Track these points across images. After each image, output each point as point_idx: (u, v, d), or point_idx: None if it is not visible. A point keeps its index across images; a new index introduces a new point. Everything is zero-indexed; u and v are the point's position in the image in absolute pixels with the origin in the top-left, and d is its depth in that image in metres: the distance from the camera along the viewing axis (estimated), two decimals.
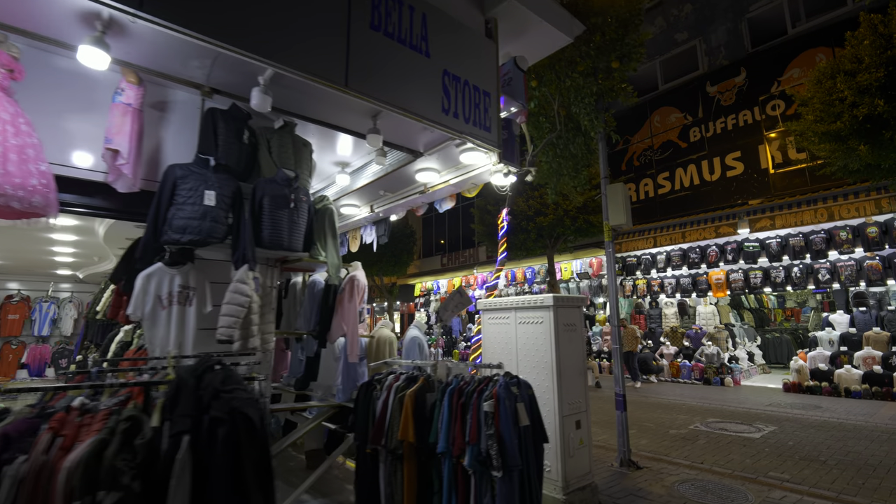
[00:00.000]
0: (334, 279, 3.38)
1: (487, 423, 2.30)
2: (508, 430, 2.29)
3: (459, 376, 2.64)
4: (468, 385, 2.52)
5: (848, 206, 9.98)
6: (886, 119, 6.81)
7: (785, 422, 7.52)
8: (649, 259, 13.66)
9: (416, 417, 2.51)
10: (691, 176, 12.98)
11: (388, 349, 3.71)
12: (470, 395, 2.44)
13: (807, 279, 10.88)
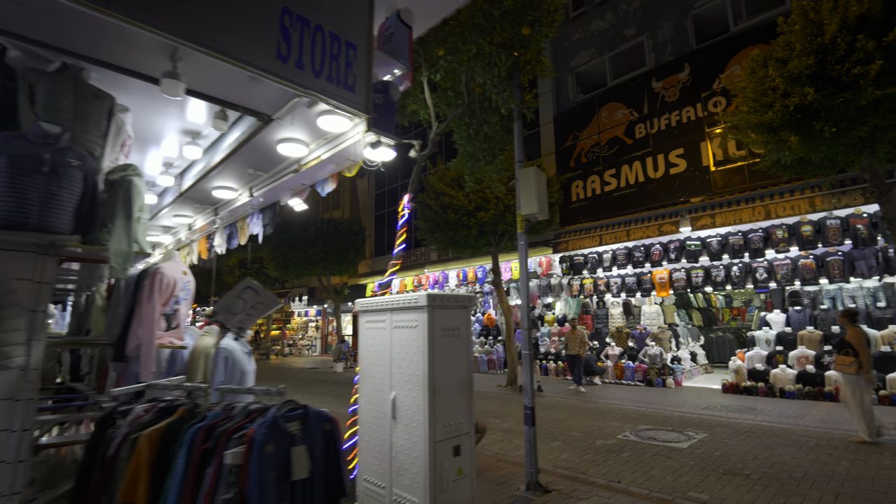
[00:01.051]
0: (119, 271, 2.58)
1: (229, 481, 1.57)
2: (262, 490, 1.57)
3: (230, 405, 1.89)
4: (225, 421, 1.78)
5: (784, 204, 9.85)
6: (816, 109, 6.54)
7: (717, 427, 7.17)
8: (596, 258, 13.32)
9: (152, 471, 1.74)
10: (636, 173, 12.71)
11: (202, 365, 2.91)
12: (219, 438, 1.70)
13: (746, 278, 10.73)
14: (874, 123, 6.25)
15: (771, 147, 7.25)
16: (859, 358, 6.12)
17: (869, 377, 6.11)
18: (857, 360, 6.14)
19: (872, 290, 9.85)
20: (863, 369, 6.09)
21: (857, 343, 6.18)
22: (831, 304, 10.26)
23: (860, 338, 6.21)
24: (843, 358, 6.38)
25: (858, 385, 6.13)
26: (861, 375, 6.11)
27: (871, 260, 9.19)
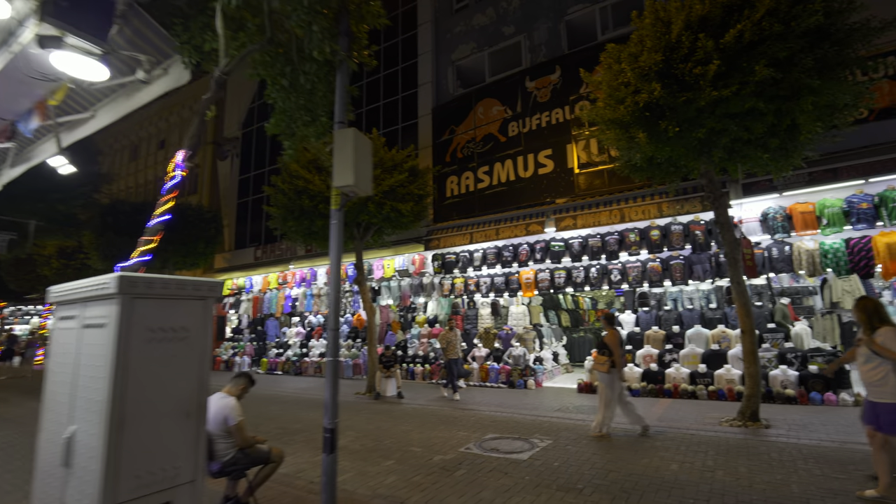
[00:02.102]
0: None
1: None
2: None
3: None
4: None
5: (637, 208, 10.21)
6: (662, 108, 6.53)
7: (563, 432, 6.85)
8: (467, 256, 12.88)
9: None
10: (508, 171, 12.55)
11: None
12: None
13: (602, 279, 10.99)
14: (711, 126, 6.37)
15: (623, 145, 7.20)
16: (613, 357, 6.57)
17: (621, 375, 6.61)
18: (610, 359, 6.59)
19: (706, 292, 10.65)
20: (615, 368, 6.57)
21: (613, 344, 6.62)
22: (674, 304, 10.91)
23: (615, 339, 6.65)
24: (600, 357, 6.80)
25: (611, 383, 6.56)
26: (613, 374, 6.56)
27: (706, 264, 9.85)
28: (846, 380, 7.90)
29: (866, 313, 4.12)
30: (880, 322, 4.05)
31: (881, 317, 4.08)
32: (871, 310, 4.13)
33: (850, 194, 8.57)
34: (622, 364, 6.70)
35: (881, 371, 3.98)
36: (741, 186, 9.23)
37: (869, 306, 4.15)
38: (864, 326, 4.15)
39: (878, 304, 4.17)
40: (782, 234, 9.10)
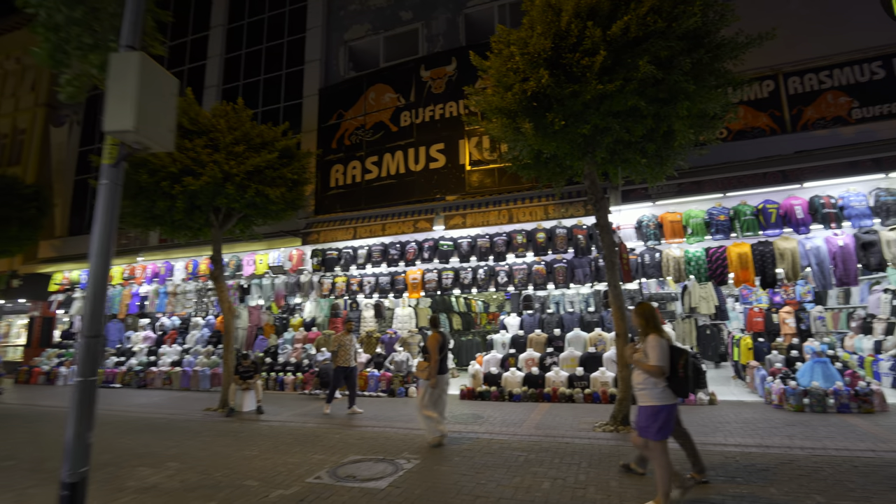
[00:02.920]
0: None
1: None
2: None
3: None
4: None
5: (525, 209, 10.01)
6: (550, 99, 6.20)
7: (435, 448, 6.12)
8: (351, 253, 11.78)
9: None
10: (398, 163, 11.74)
11: None
12: None
13: (489, 281, 10.65)
14: (595, 123, 6.17)
15: (509, 135, 6.77)
16: (430, 363, 6.35)
17: (432, 382, 6.32)
18: (430, 364, 6.37)
19: (586, 295, 10.83)
20: (431, 374, 6.33)
21: (432, 348, 6.38)
22: (556, 308, 10.94)
23: (435, 343, 6.41)
24: (422, 363, 6.59)
25: (427, 388, 6.35)
26: (438, 379, 6.35)
27: (587, 268, 9.95)
28: (703, 380, 8.32)
29: (644, 318, 4.10)
30: (654, 329, 4.03)
31: (655, 324, 4.06)
32: (647, 315, 4.10)
33: (710, 206, 9.17)
34: (435, 370, 6.36)
35: (644, 376, 4.02)
36: (620, 193, 9.45)
37: (646, 312, 4.12)
38: (641, 331, 4.12)
39: (653, 311, 4.13)
40: (654, 242, 9.48)
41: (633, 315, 4.21)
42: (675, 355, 3.94)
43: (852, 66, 9.06)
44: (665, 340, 3.97)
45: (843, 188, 8.39)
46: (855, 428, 6.24)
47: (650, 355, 3.92)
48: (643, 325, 4.10)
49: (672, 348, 3.98)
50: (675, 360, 3.92)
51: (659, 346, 3.91)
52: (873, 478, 4.53)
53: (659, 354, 3.89)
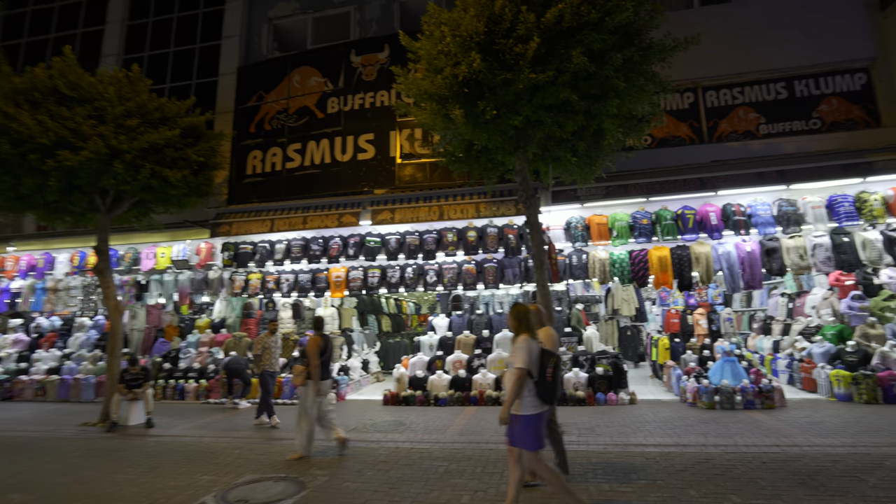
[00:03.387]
0: None
1: None
2: None
3: None
4: None
5: (456, 206, 9.68)
6: (482, 86, 5.89)
7: (349, 461, 5.55)
8: (267, 248, 10.79)
9: None
10: (324, 152, 10.96)
11: None
12: None
13: (418, 281, 10.19)
14: (527, 115, 5.94)
15: (439, 123, 6.36)
16: (310, 368, 5.89)
17: (316, 388, 5.84)
18: (307, 369, 5.93)
19: (516, 296, 10.70)
20: (311, 379, 5.88)
21: (311, 352, 5.91)
22: (486, 308, 10.71)
23: (315, 346, 5.93)
24: (298, 367, 6.12)
25: (306, 396, 5.87)
26: (308, 385, 5.88)
27: (517, 268, 9.81)
28: (624, 380, 8.43)
29: (517, 320, 3.87)
30: (525, 330, 3.80)
31: (527, 325, 3.84)
32: (521, 316, 3.89)
33: (634, 210, 9.39)
34: (317, 376, 5.86)
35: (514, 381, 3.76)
36: (550, 194, 9.42)
37: (520, 313, 3.91)
38: (514, 333, 3.90)
39: (527, 312, 3.93)
40: (581, 243, 9.54)
41: (509, 317, 3.97)
42: (544, 359, 3.68)
43: (760, 84, 9.73)
44: (535, 343, 3.73)
45: (752, 197, 8.93)
46: (760, 423, 6.51)
47: (515, 357, 3.63)
48: (516, 326, 3.84)
49: (542, 352, 3.72)
50: (543, 364, 3.66)
51: (526, 347, 3.62)
52: (781, 474, 4.63)
53: (524, 356, 3.58)
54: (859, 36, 9.33)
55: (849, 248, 8.31)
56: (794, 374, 8.64)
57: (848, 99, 9.38)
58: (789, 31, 9.55)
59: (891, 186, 8.33)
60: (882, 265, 8.24)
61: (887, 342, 7.74)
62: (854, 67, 9.43)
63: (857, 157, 8.37)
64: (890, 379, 7.21)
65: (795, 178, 8.52)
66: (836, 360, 7.91)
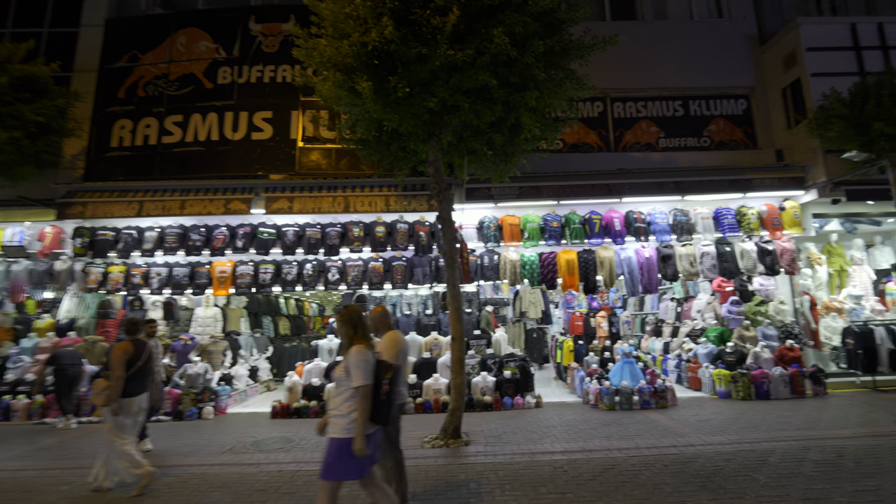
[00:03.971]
0: None
1: None
2: None
3: None
4: None
5: (363, 198, 8.92)
6: (394, 60, 5.28)
7: (214, 492, 4.53)
8: (134, 236, 9.08)
9: None
10: (210, 128, 9.53)
11: None
12: None
13: (318, 279, 9.22)
14: (443, 97, 5.44)
15: (345, 97, 5.61)
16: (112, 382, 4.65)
17: (113, 408, 4.58)
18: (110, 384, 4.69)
19: (425, 297, 10.17)
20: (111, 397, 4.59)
21: (116, 362, 4.65)
22: (393, 310, 10.03)
23: (122, 355, 4.68)
24: (100, 382, 4.98)
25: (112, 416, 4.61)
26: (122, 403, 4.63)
27: (427, 267, 9.29)
28: (531, 383, 8.29)
29: (351, 326, 3.19)
30: (361, 339, 3.17)
31: (364, 332, 3.22)
32: (355, 321, 3.22)
33: (545, 213, 9.38)
34: (117, 392, 4.59)
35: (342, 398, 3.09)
36: (465, 191, 9.06)
37: (354, 317, 3.22)
38: (347, 343, 3.20)
39: (361, 316, 3.26)
40: (493, 244, 9.30)
41: (337, 322, 3.25)
42: (379, 372, 3.11)
43: (661, 101, 10.32)
44: (371, 354, 3.15)
45: (651, 206, 9.36)
46: (657, 424, 6.64)
47: (353, 374, 3.00)
48: (349, 333, 3.17)
49: (377, 363, 3.15)
50: (378, 378, 3.09)
51: (364, 360, 3.04)
52: (683, 477, 4.59)
53: (363, 372, 3.00)
54: (742, 66, 10.31)
55: (730, 257, 9.02)
56: (681, 374, 9.16)
57: (732, 121, 10.31)
58: (686, 54, 10.27)
59: (765, 203, 9.23)
60: (756, 273, 9.06)
61: (759, 343, 8.47)
62: (737, 94, 10.40)
63: (740, 174, 9.15)
64: (761, 377, 7.85)
65: (689, 189, 9.09)
66: (717, 360, 8.50)
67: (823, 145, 8.12)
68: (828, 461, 4.88)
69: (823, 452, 5.16)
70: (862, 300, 9.45)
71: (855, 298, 9.45)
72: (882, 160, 7.18)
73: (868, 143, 7.05)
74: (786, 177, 9.11)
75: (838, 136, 7.23)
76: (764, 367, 8.01)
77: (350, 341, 3.16)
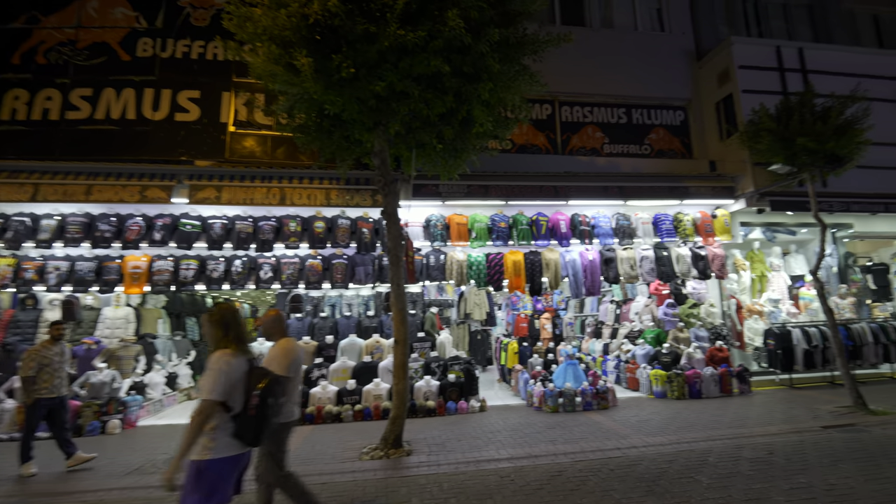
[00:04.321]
0: None
1: None
2: None
3: None
4: None
5: (301, 191, 8.29)
6: (339, 35, 4.82)
7: None
8: (27, 224, 7.85)
9: None
10: (126, 104, 8.48)
11: None
12: None
13: (249, 276, 8.45)
14: (392, 81, 5.06)
15: (281, 74, 5.06)
16: None
17: None
18: None
19: (366, 298, 9.67)
20: None
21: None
22: (331, 311, 9.44)
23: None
24: None
25: None
26: None
27: (370, 266, 8.82)
28: (475, 386, 8.06)
29: (221, 326, 2.66)
30: (232, 342, 2.65)
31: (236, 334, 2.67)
32: (227, 321, 2.68)
33: (493, 213, 9.22)
34: None
35: None
36: (412, 187, 8.68)
37: (225, 316, 2.69)
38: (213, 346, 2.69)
39: (236, 315, 2.71)
40: (440, 243, 9.00)
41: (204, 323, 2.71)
42: (251, 381, 2.60)
43: (606, 107, 10.54)
44: (239, 360, 2.60)
45: (596, 210, 9.49)
46: (600, 425, 6.64)
47: (203, 382, 2.54)
48: (218, 336, 2.65)
49: (250, 371, 2.63)
50: (248, 390, 2.58)
51: (219, 368, 2.51)
52: (629, 482, 4.52)
53: (212, 382, 2.47)
54: (680, 79, 10.78)
55: (667, 261, 9.33)
56: (620, 375, 9.33)
57: (671, 131, 10.74)
58: (630, 64, 10.57)
59: (699, 210, 9.65)
60: (690, 277, 9.43)
61: (692, 344, 8.80)
62: (675, 105, 10.85)
63: (678, 182, 9.50)
64: (694, 377, 8.14)
65: (632, 195, 9.30)
66: (654, 360, 8.73)
67: (752, 157, 8.60)
68: (761, 459, 5.02)
69: (756, 450, 5.32)
70: (779, 304, 10.15)
71: (773, 302, 10.14)
72: (803, 173, 7.68)
73: (792, 156, 7.50)
74: (718, 186, 9.59)
75: (767, 149, 7.64)
76: (696, 367, 8.32)
77: (217, 345, 2.62)
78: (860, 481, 4.29)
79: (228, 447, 2.50)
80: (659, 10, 11.20)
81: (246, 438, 2.55)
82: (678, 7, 11.14)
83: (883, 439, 5.60)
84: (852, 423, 6.27)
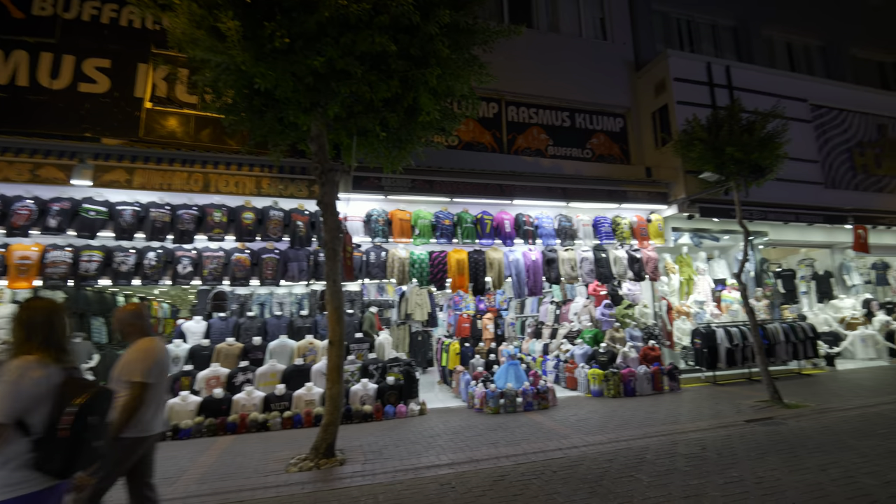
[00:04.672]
0: None
1: None
2: None
3: None
4: None
5: (229, 177, 7.57)
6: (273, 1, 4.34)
7: None
8: None
9: None
10: (18, 69, 7.29)
11: None
12: None
13: (164, 271, 7.57)
14: (332, 57, 4.63)
15: (204, 40, 4.47)
16: None
17: None
18: None
19: (300, 296, 9.04)
20: None
21: None
22: (260, 310, 8.72)
23: None
24: None
25: None
26: None
27: (304, 262, 8.23)
28: (415, 388, 7.75)
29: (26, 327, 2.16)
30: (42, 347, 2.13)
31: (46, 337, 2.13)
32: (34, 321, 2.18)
33: (438, 210, 8.96)
34: None
35: None
36: (352, 179, 8.21)
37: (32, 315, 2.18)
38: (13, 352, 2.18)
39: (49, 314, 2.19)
40: (381, 239, 8.60)
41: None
42: (64, 396, 2.03)
43: (551, 110, 10.66)
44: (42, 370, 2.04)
45: (539, 210, 9.52)
46: (541, 426, 6.56)
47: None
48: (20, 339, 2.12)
49: (66, 383, 2.07)
50: (59, 406, 2.02)
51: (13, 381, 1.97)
52: (572, 483, 4.41)
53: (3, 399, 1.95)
54: (620, 87, 11.16)
55: (605, 262, 9.55)
56: (559, 374, 9.40)
57: (611, 137, 11.07)
58: (574, 68, 10.77)
59: (636, 214, 9.99)
60: (626, 279, 9.71)
61: (627, 344, 9.04)
62: (615, 112, 11.21)
63: (617, 186, 9.77)
64: (629, 375, 8.33)
65: (574, 197, 9.43)
66: (592, 360, 8.86)
67: (685, 165, 9.01)
68: (695, 454, 5.11)
69: (689, 446, 5.43)
70: (704, 305, 10.75)
71: (699, 304, 10.72)
72: (730, 182, 8.12)
73: (721, 165, 7.92)
74: (653, 191, 9.97)
75: (699, 157, 8.02)
76: (631, 366, 8.53)
77: (17, 351, 2.06)
78: (785, 472, 4.44)
79: (27, 481, 1.93)
80: (602, 19, 11.54)
81: (51, 468, 1.96)
82: (620, 18, 11.55)
83: (798, 431, 5.94)
84: (771, 417, 6.63)
